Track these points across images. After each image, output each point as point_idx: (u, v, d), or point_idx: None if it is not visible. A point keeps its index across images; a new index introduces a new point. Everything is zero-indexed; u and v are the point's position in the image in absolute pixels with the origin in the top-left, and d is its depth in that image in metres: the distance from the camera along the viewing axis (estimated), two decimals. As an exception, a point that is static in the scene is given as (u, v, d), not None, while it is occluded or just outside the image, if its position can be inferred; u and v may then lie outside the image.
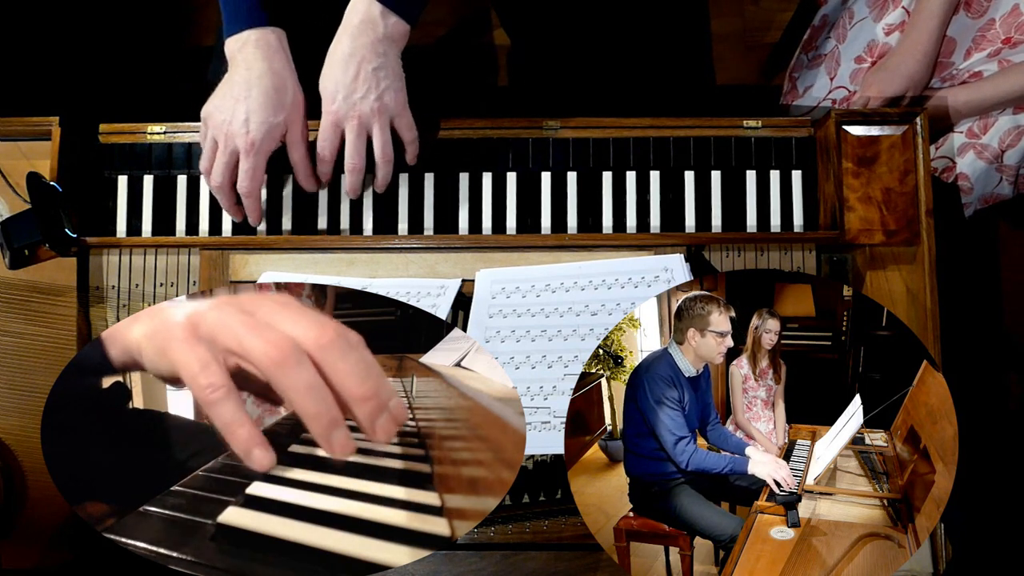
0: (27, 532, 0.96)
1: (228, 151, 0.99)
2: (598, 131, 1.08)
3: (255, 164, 0.99)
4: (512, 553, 0.89)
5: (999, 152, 1.25)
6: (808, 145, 1.08)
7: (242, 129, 0.97)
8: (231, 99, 0.98)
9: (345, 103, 0.97)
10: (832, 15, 1.38)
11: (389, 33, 0.97)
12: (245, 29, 0.99)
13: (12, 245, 0.99)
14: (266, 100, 0.97)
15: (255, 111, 0.97)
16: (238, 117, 0.97)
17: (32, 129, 1.04)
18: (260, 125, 0.97)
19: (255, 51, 0.98)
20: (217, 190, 1.01)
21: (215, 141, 0.99)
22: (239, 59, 0.99)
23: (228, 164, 0.99)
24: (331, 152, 1.01)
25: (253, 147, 0.97)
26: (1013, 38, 1.17)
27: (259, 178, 1.00)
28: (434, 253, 1.03)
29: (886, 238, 1.03)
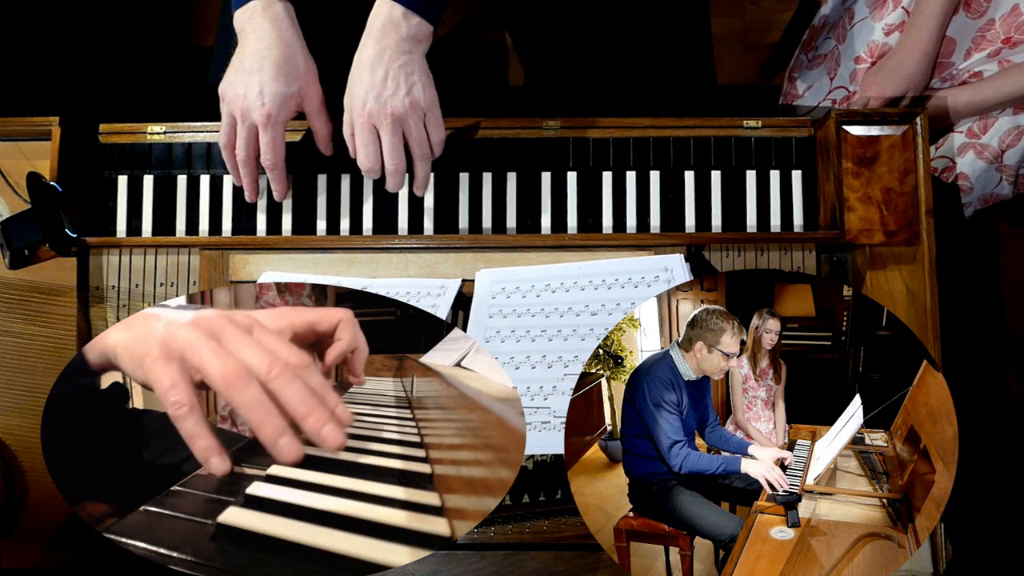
0: (27, 532, 0.96)
1: (247, 125, 0.99)
2: (598, 131, 1.08)
3: (274, 136, 0.99)
4: (512, 553, 0.89)
5: (999, 152, 1.25)
6: (808, 145, 1.08)
7: (257, 102, 0.97)
8: (244, 72, 0.98)
9: (377, 103, 0.97)
10: (832, 15, 1.38)
11: (413, 33, 0.97)
12: (252, 0, 0.99)
13: (12, 245, 0.99)
14: (278, 71, 0.98)
15: (268, 83, 0.97)
16: (252, 90, 0.97)
17: (32, 129, 1.04)
18: (274, 96, 0.98)
19: (263, 21, 0.98)
20: (243, 163, 1.02)
21: (232, 116, 1.00)
22: (248, 31, 0.99)
23: (249, 138, 1.00)
24: (375, 158, 1.00)
25: (270, 119, 0.98)
26: (1013, 38, 1.17)
27: (280, 149, 1.01)
28: (434, 253, 1.03)
29: (886, 238, 1.03)
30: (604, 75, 1.62)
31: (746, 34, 1.84)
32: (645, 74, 1.72)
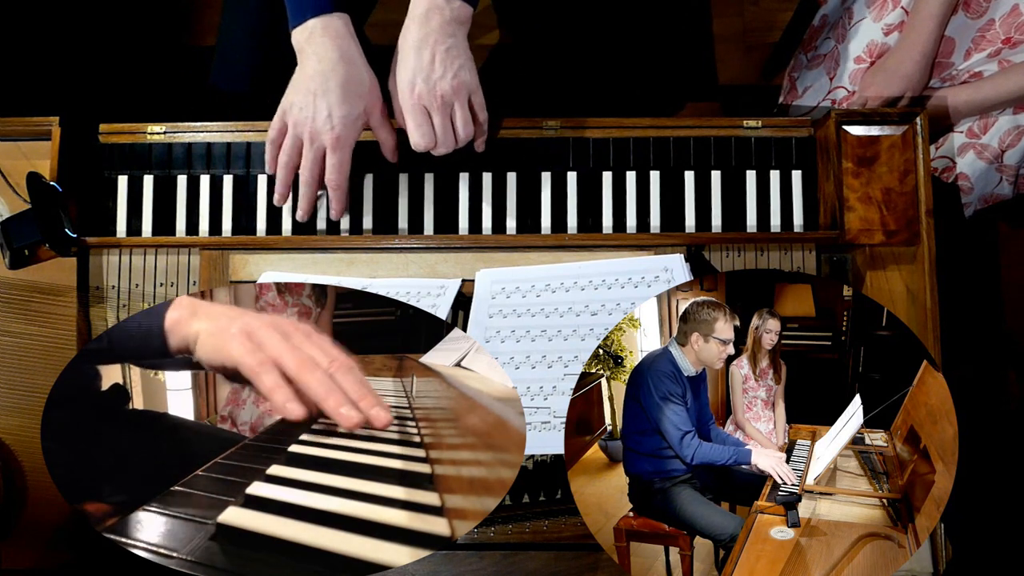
0: (27, 532, 0.96)
1: (315, 147, 1.00)
2: (598, 131, 1.08)
3: (342, 159, 1.00)
4: (512, 553, 0.89)
5: (999, 152, 1.25)
6: (808, 145, 1.08)
7: (326, 125, 0.98)
8: (310, 94, 0.98)
9: (426, 85, 0.97)
10: (832, 15, 1.38)
11: (455, 16, 0.97)
12: (311, 17, 0.99)
13: (12, 245, 0.99)
14: (344, 93, 0.98)
15: (336, 105, 0.98)
16: (320, 113, 0.98)
17: (32, 129, 1.04)
18: (343, 119, 0.98)
19: (323, 39, 0.98)
20: (306, 183, 1.02)
21: (298, 138, 1.00)
22: (308, 51, 0.99)
23: (316, 160, 1.00)
24: (430, 137, 1.00)
25: (339, 142, 0.99)
26: (1013, 38, 1.17)
27: (346, 171, 1.02)
28: (434, 253, 1.03)
29: (886, 238, 1.03)
30: (606, 75, 1.62)
31: (746, 34, 1.84)
32: (647, 74, 1.72)
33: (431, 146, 1.01)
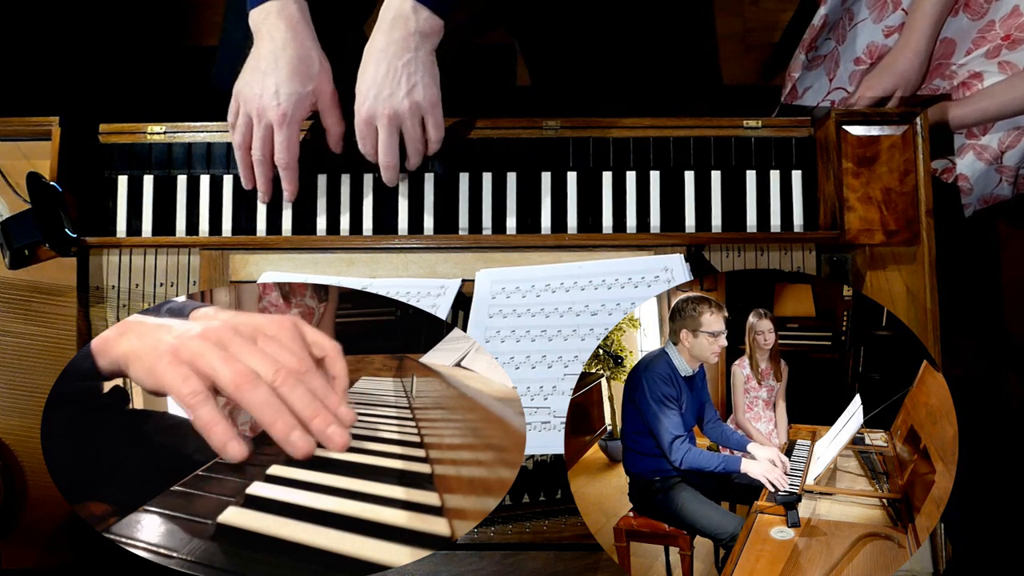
0: (27, 532, 0.96)
1: (263, 124, 1.00)
2: (598, 131, 1.08)
3: (288, 135, 1.00)
4: (512, 553, 0.89)
5: (999, 153, 1.25)
6: (808, 145, 1.08)
7: (272, 102, 0.98)
8: (259, 72, 0.99)
9: (375, 100, 0.98)
10: (832, 16, 1.38)
11: (421, 28, 0.97)
12: (267, 0, 1.00)
13: (12, 245, 0.99)
14: (293, 71, 0.98)
15: (283, 82, 0.98)
16: (268, 90, 0.98)
17: (32, 129, 1.04)
18: (290, 96, 0.98)
19: (278, 21, 0.99)
20: (259, 163, 1.03)
21: (248, 116, 1.01)
22: (263, 31, 1.00)
23: (265, 137, 1.01)
24: (372, 149, 1.02)
25: (285, 119, 0.99)
26: (1012, 35, 1.17)
27: (294, 149, 1.02)
28: (434, 253, 1.03)
29: (886, 238, 1.03)
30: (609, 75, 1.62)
31: (746, 34, 1.84)
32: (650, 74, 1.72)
33: (373, 159, 1.02)
